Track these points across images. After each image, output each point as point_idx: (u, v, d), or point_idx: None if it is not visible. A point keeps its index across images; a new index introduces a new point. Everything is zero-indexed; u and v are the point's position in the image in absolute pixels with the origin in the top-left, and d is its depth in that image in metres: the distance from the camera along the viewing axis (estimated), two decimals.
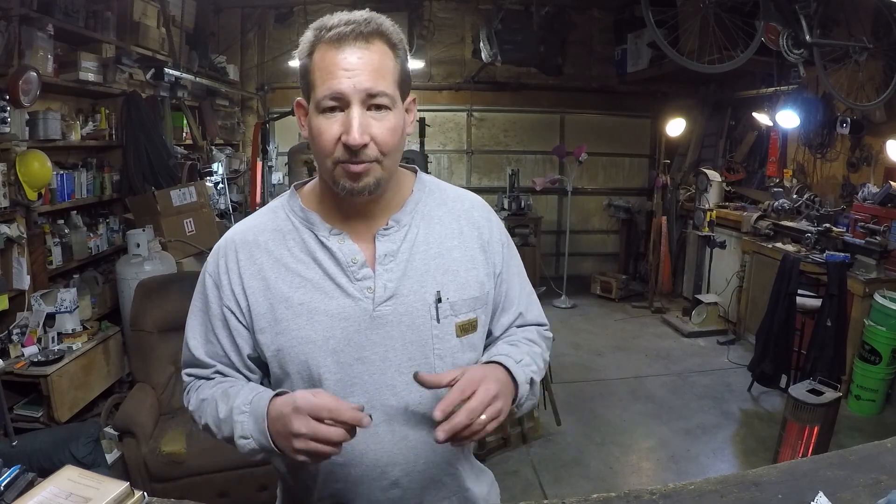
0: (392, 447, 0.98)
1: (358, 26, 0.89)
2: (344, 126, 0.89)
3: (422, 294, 0.98)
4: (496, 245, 1.07)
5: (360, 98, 0.88)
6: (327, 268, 0.97)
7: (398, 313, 0.97)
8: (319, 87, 0.90)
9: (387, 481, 0.99)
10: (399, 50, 0.93)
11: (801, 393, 2.76)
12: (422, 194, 1.05)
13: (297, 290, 0.97)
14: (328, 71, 0.89)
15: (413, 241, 1.00)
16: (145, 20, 4.05)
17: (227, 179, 5.44)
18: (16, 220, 2.86)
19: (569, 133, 6.75)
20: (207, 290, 1.03)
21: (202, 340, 1.04)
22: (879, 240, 3.70)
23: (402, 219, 1.00)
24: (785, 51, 3.66)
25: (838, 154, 4.69)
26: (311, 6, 6.05)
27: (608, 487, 2.88)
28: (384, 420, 0.97)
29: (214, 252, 1.04)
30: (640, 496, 0.96)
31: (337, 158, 0.91)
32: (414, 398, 0.97)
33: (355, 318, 0.96)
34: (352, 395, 0.96)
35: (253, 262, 1.00)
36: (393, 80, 0.91)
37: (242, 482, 2.60)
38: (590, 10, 6.52)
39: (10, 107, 2.78)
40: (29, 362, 2.74)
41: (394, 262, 0.98)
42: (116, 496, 0.87)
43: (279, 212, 1.04)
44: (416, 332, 0.97)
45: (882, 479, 0.98)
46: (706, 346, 4.85)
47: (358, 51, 0.88)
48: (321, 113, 0.90)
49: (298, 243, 0.99)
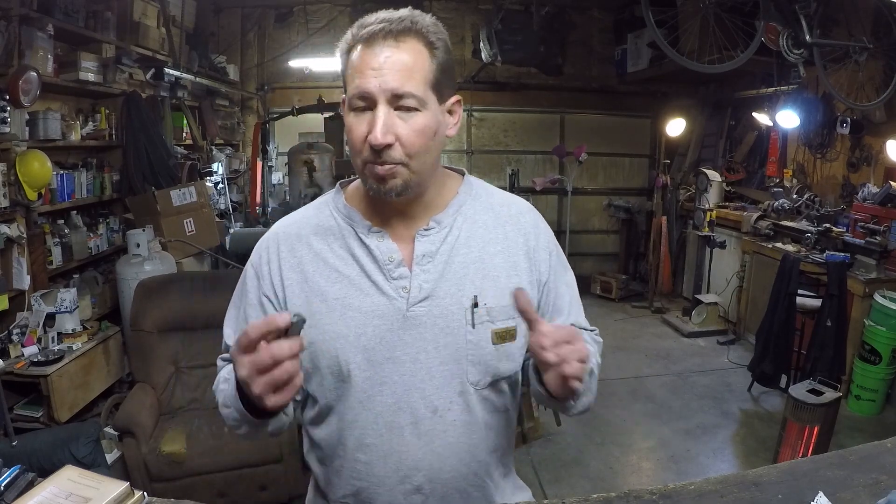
0: (416, 451, 0.96)
1: (390, 24, 0.88)
2: (370, 125, 0.88)
3: (458, 297, 0.96)
4: (543, 253, 1.04)
5: (386, 98, 0.87)
6: (364, 265, 0.97)
7: (432, 315, 0.95)
8: (350, 86, 0.90)
9: (409, 486, 0.97)
10: (437, 49, 0.91)
11: (801, 393, 2.76)
12: (467, 197, 1.03)
13: (333, 285, 0.97)
14: (358, 70, 0.88)
15: (453, 243, 0.98)
16: (145, 20, 4.05)
17: (227, 179, 5.44)
18: (16, 220, 2.86)
19: (569, 133, 6.75)
20: (248, 280, 1.04)
21: (236, 329, 1.04)
22: (879, 240, 3.70)
23: (443, 220, 0.99)
24: (785, 51, 3.66)
25: (838, 154, 4.69)
26: (310, 6, 6.05)
27: (608, 487, 2.88)
28: (410, 423, 0.96)
29: (259, 244, 1.05)
30: (640, 496, 0.95)
31: (365, 158, 0.90)
32: (443, 403, 0.96)
33: (388, 316, 0.95)
34: (380, 393, 0.95)
35: (293, 254, 1.00)
36: (424, 80, 0.89)
37: (242, 482, 2.60)
38: (590, 10, 6.52)
39: (10, 107, 2.77)
40: (29, 362, 2.74)
41: (431, 262, 0.96)
42: (116, 496, 0.87)
43: (324, 208, 1.04)
44: (449, 336, 0.95)
45: (882, 479, 0.98)
46: (706, 346, 4.85)
47: (387, 49, 0.87)
48: (352, 111, 0.91)
49: (339, 239, 0.99)
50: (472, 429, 0.99)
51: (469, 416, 0.98)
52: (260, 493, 2.65)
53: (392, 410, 0.96)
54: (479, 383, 0.97)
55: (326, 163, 4.07)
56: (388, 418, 0.96)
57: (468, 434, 0.98)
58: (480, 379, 0.97)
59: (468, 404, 0.97)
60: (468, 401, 0.97)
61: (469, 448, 0.99)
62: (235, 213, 5.38)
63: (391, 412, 0.96)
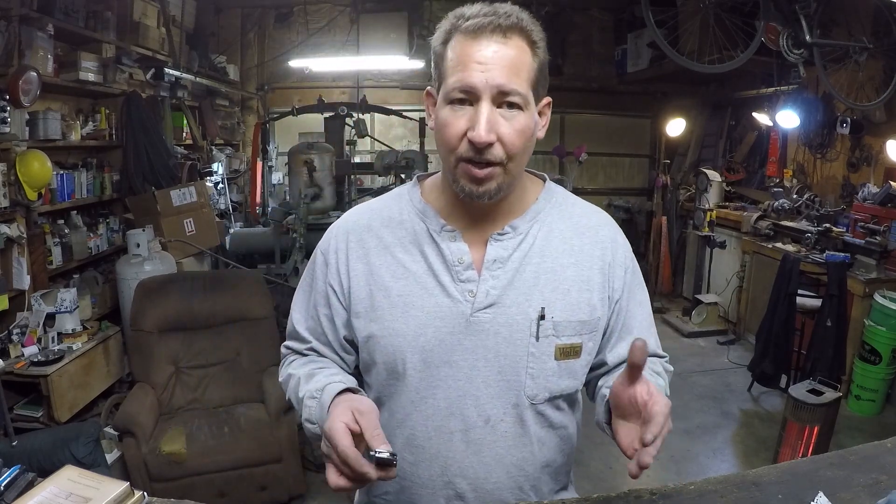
0: (463, 459, 0.94)
1: (497, 18, 0.85)
2: (471, 121, 0.85)
3: (525, 307, 0.92)
4: (619, 269, 0.99)
5: (491, 94, 0.84)
6: (433, 263, 0.94)
7: (496, 323, 0.92)
8: (450, 78, 0.86)
9: (452, 492, 0.96)
10: (538, 48, 0.89)
11: (801, 393, 2.76)
12: (547, 204, 0.99)
13: (398, 281, 0.95)
14: (461, 62, 0.85)
15: (526, 251, 0.94)
16: (145, 20, 4.05)
17: (227, 179, 5.45)
18: (16, 220, 2.86)
19: (569, 133, 6.75)
20: (316, 265, 1.03)
21: (304, 315, 1.04)
22: (879, 240, 3.70)
23: (519, 226, 0.95)
24: (785, 51, 3.67)
25: (838, 154, 4.69)
26: (310, 6, 6.05)
27: (608, 487, 2.88)
28: (461, 429, 0.94)
29: (329, 230, 1.04)
30: (641, 496, 0.95)
31: (460, 155, 0.87)
32: (496, 413, 0.94)
33: (451, 319, 0.92)
34: (433, 396, 0.94)
35: (361, 245, 0.98)
36: (528, 78, 0.87)
37: (242, 482, 2.61)
38: (590, 10, 6.51)
39: (10, 107, 2.77)
40: (29, 362, 2.74)
41: (502, 269, 0.93)
42: (116, 496, 0.87)
43: (399, 200, 1.01)
44: (511, 346, 0.92)
45: (882, 479, 0.98)
46: (706, 346, 4.85)
47: (494, 44, 0.84)
48: (449, 104, 0.87)
49: (410, 234, 0.97)
50: (522, 442, 0.96)
51: (521, 429, 0.95)
52: (260, 493, 2.65)
53: (444, 415, 0.94)
54: (535, 398, 0.94)
55: (326, 163, 4.07)
56: (439, 422, 0.94)
57: (518, 447, 0.96)
58: (538, 394, 0.94)
59: (521, 418, 0.95)
60: (522, 414, 0.95)
61: (518, 462, 0.97)
62: (235, 213, 5.39)
63: (442, 416, 0.94)
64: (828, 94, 4.26)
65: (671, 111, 6.19)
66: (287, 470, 2.67)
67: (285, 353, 1.09)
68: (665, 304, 5.83)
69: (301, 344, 1.05)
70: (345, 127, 4.73)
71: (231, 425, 2.71)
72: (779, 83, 4.74)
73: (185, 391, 2.91)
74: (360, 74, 6.10)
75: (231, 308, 3.02)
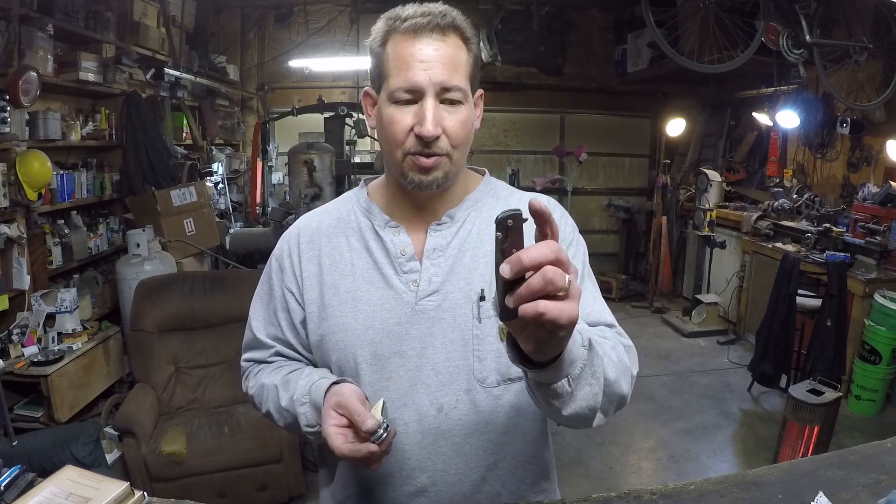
0: (420, 451, 0.94)
1: (435, 18, 0.88)
2: (417, 117, 0.88)
3: (466, 291, 0.94)
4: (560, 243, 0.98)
5: (434, 91, 0.88)
6: (377, 258, 0.97)
7: (441, 309, 0.94)
8: (394, 78, 0.89)
9: (412, 487, 0.95)
10: (472, 44, 0.93)
11: (801, 393, 2.76)
12: (484, 194, 1.03)
13: (346, 278, 0.97)
14: (404, 62, 0.88)
15: (465, 238, 0.98)
16: (145, 20, 4.05)
17: (227, 179, 5.44)
18: (16, 220, 2.85)
19: (569, 133, 6.75)
20: (272, 272, 1.05)
21: (264, 322, 1.05)
22: (879, 240, 3.70)
23: (456, 214, 0.99)
24: (785, 51, 3.67)
25: (838, 154, 4.69)
26: (310, 6, 6.05)
27: (608, 487, 2.87)
28: (415, 420, 0.93)
29: (283, 237, 1.07)
30: (640, 496, 0.95)
31: (408, 149, 0.90)
32: (449, 401, 0.94)
33: (397, 310, 0.94)
34: (386, 389, 0.94)
35: (312, 247, 1.01)
36: (465, 73, 0.91)
37: (242, 482, 2.61)
38: (590, 10, 6.51)
39: (10, 107, 2.77)
40: (29, 362, 2.74)
41: (442, 256, 0.96)
42: (116, 496, 0.87)
43: (346, 202, 1.06)
44: (457, 331, 0.94)
45: (882, 479, 0.98)
46: (706, 346, 4.85)
47: (434, 42, 0.88)
48: (393, 103, 0.90)
49: (356, 233, 1.00)
50: (480, 430, 0.95)
51: (477, 416, 0.94)
52: (260, 493, 2.65)
53: (397, 406, 0.93)
54: (486, 381, 0.94)
55: (326, 163, 4.07)
56: (393, 415, 0.93)
57: (476, 436, 0.95)
58: (487, 376, 0.94)
59: (475, 403, 0.94)
60: (476, 399, 0.94)
61: (478, 451, 0.95)
62: (235, 213, 5.39)
63: (396, 408, 0.93)
64: (828, 93, 4.26)
65: (671, 111, 6.18)
66: (287, 470, 2.67)
67: (246, 366, 1.08)
68: (665, 304, 5.83)
69: (264, 351, 1.05)
70: (345, 127, 4.74)
71: (231, 425, 2.71)
72: (779, 83, 4.74)
73: (185, 391, 2.91)
74: (360, 74, 6.09)
75: (231, 308, 3.02)
